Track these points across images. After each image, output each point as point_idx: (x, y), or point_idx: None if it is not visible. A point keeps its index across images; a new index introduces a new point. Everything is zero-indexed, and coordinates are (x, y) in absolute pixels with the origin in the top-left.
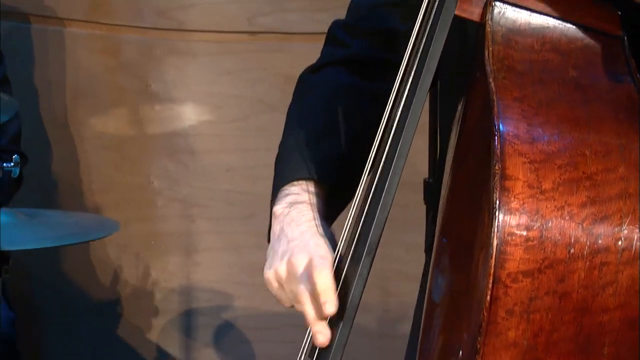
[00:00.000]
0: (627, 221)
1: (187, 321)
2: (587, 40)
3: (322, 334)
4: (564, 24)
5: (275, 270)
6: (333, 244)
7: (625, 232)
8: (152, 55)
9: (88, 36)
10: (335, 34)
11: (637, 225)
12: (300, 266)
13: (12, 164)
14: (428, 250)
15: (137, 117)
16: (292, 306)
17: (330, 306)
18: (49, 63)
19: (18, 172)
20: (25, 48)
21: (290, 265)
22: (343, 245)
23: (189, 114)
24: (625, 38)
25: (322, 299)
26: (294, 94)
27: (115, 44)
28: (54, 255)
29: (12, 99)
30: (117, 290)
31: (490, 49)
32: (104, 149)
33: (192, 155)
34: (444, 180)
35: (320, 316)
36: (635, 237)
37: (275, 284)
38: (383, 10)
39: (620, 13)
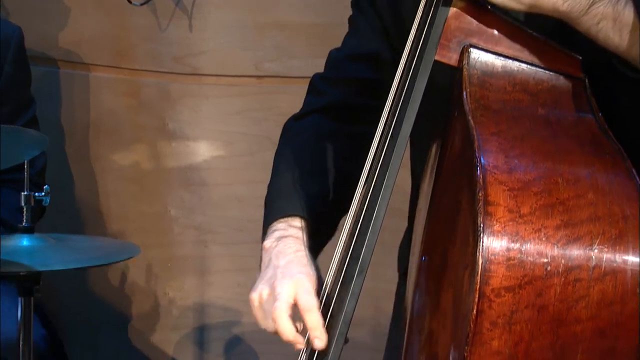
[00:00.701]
0: (597, 241)
1: (201, 335)
2: (553, 81)
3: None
4: (532, 67)
5: (259, 291)
6: (317, 273)
7: (596, 251)
8: (169, 96)
9: (111, 80)
10: (315, 85)
11: (606, 245)
12: (282, 290)
13: (43, 193)
14: (404, 270)
15: (155, 152)
16: (271, 330)
17: (320, 342)
18: (75, 104)
19: (47, 202)
20: (54, 90)
21: (272, 289)
22: (335, 267)
23: (202, 150)
24: (586, 80)
25: (312, 334)
26: (280, 140)
27: (135, 87)
28: (80, 276)
29: (43, 135)
30: (137, 308)
31: (468, 90)
32: (125, 181)
33: (205, 186)
34: (419, 208)
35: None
36: (605, 256)
37: (256, 304)
38: (356, 62)
39: (581, 58)
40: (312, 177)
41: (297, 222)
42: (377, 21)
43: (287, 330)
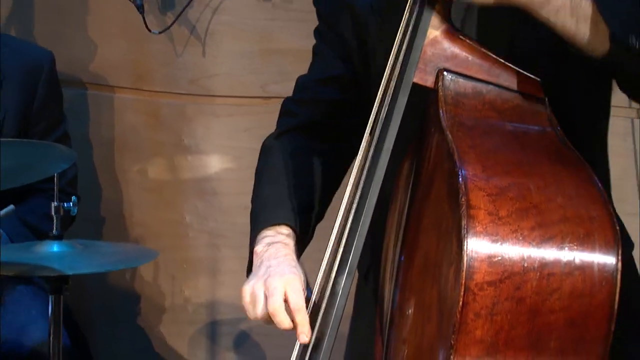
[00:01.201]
0: (568, 240)
1: (213, 329)
2: (517, 101)
3: (304, 334)
4: (498, 88)
5: (252, 286)
6: (304, 275)
7: (566, 249)
8: (184, 115)
9: (133, 100)
10: (287, 108)
11: (575, 243)
12: (273, 287)
13: (71, 204)
14: (366, 275)
15: (172, 165)
16: (255, 318)
17: (305, 338)
18: (102, 122)
19: (75, 212)
20: (83, 110)
21: (265, 285)
22: (326, 270)
23: (214, 163)
24: (546, 99)
25: (299, 331)
26: (259, 158)
27: (155, 107)
28: (105, 277)
29: (72, 150)
30: (156, 304)
31: (444, 108)
32: (145, 191)
33: (217, 196)
34: (390, 215)
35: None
36: (574, 252)
37: (247, 297)
38: (322, 85)
39: (539, 80)
40: (294, 189)
41: (285, 230)
42: (339, 46)
43: (285, 321)
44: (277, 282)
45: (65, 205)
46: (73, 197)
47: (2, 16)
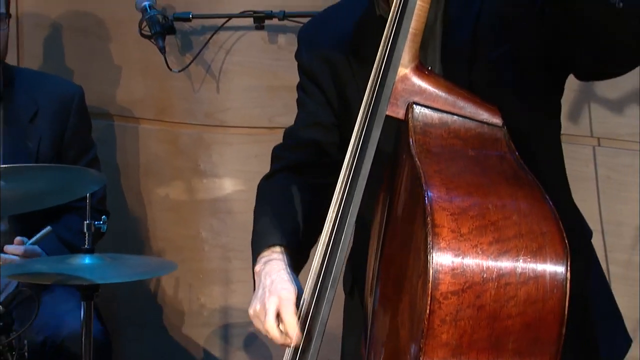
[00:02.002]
0: (522, 253)
1: (225, 332)
2: (479, 129)
3: (288, 343)
4: (462, 118)
5: (254, 307)
6: (297, 285)
7: (521, 261)
8: (201, 143)
9: (155, 130)
10: (275, 153)
11: (529, 256)
12: (270, 306)
13: (101, 222)
14: (350, 291)
15: (190, 187)
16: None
17: (291, 339)
18: (128, 149)
19: (105, 229)
20: (111, 139)
21: (263, 305)
22: (312, 281)
23: (227, 185)
24: (505, 127)
25: (287, 332)
26: (257, 197)
27: (174, 136)
28: (131, 286)
29: (101, 174)
30: (176, 310)
31: (413, 138)
32: (166, 210)
33: (229, 214)
34: (372, 235)
35: (286, 340)
36: (528, 264)
37: (253, 319)
38: (306, 130)
39: (498, 106)
40: (285, 217)
41: (278, 249)
42: (320, 95)
43: (278, 337)
44: (271, 303)
45: (96, 223)
46: (103, 216)
47: (37, 55)
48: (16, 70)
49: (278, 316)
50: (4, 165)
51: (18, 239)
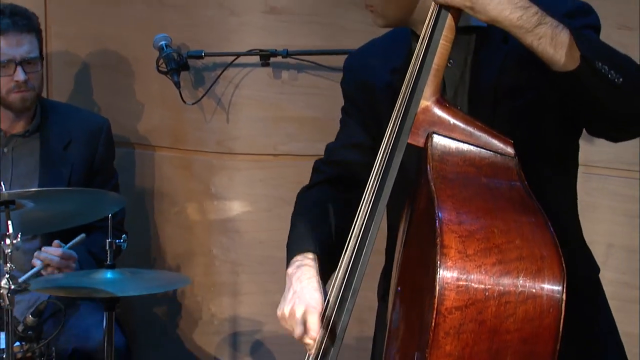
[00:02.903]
0: (522, 275)
1: (234, 339)
2: (492, 158)
3: (310, 346)
4: (477, 148)
5: (282, 311)
6: (324, 294)
7: (521, 281)
8: (212, 169)
9: (171, 157)
10: (317, 167)
11: (529, 277)
12: (298, 312)
13: (122, 240)
14: (382, 297)
15: (202, 209)
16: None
17: (314, 342)
18: (146, 174)
19: (125, 246)
20: (131, 165)
21: (292, 310)
22: (335, 290)
23: (236, 207)
24: (517, 157)
25: (310, 333)
26: (295, 204)
27: (188, 162)
28: (149, 298)
29: (121, 196)
30: (190, 319)
31: (431, 164)
32: (180, 229)
33: (237, 233)
34: (396, 250)
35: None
36: (527, 285)
37: (282, 320)
38: (345, 150)
39: (512, 141)
40: (319, 226)
41: (310, 255)
42: (359, 118)
43: (302, 339)
44: (299, 310)
45: (117, 241)
46: (123, 235)
47: (66, 89)
48: (52, 103)
49: (304, 321)
50: (37, 189)
51: (56, 242)
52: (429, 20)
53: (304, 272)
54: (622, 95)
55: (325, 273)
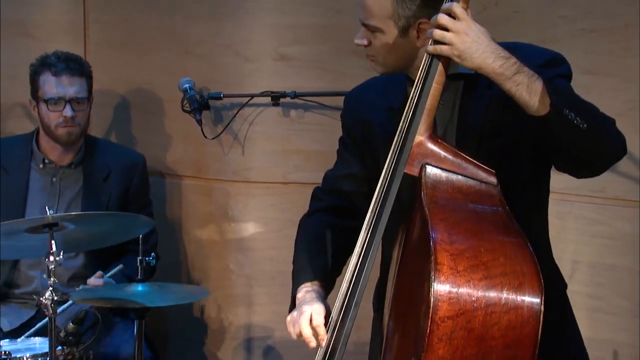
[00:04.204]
0: (506, 289)
1: (249, 344)
2: (478, 187)
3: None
4: (464, 177)
5: (292, 314)
6: (327, 307)
7: (505, 294)
8: (230, 195)
9: (194, 185)
10: (315, 194)
11: (511, 291)
12: (305, 311)
13: (151, 258)
14: (377, 308)
15: (221, 230)
16: (296, 335)
17: (322, 343)
18: (173, 200)
19: (154, 263)
20: (161, 191)
21: (299, 311)
22: (340, 301)
23: (250, 228)
24: (498, 185)
25: (320, 338)
26: (297, 232)
27: (209, 190)
28: (174, 308)
29: (150, 219)
30: (210, 326)
31: (425, 191)
32: (202, 248)
33: (251, 250)
34: (391, 266)
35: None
36: (510, 297)
37: (289, 320)
38: (342, 179)
39: (495, 171)
40: (319, 255)
41: (317, 282)
42: (355, 150)
43: (307, 331)
44: (306, 308)
45: (147, 258)
46: (152, 254)
47: (104, 127)
48: (95, 140)
49: (309, 320)
50: (76, 213)
51: (99, 272)
52: (423, 67)
53: (310, 295)
54: (586, 138)
55: (326, 290)
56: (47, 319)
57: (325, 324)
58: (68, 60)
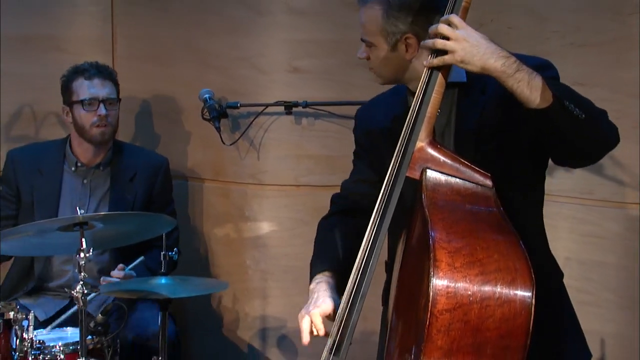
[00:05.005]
0: (499, 283)
1: (263, 333)
2: (474, 189)
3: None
4: (462, 180)
5: (302, 312)
6: (336, 301)
7: (499, 289)
8: (246, 196)
9: (214, 187)
10: (333, 199)
11: (505, 286)
12: (314, 312)
13: (174, 253)
14: (385, 302)
15: (238, 228)
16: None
17: (328, 333)
18: (195, 200)
19: (176, 258)
20: (184, 193)
21: (306, 312)
22: (347, 295)
23: (265, 227)
24: (494, 188)
25: (316, 327)
26: (317, 232)
27: (227, 191)
28: (195, 299)
29: (173, 218)
30: (228, 317)
31: (425, 193)
32: (221, 245)
33: (266, 247)
34: (395, 263)
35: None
36: (504, 291)
37: (300, 319)
38: (355, 184)
39: (490, 174)
40: (334, 250)
41: (327, 273)
42: (365, 159)
43: (306, 339)
44: (315, 311)
45: (170, 253)
46: (175, 249)
47: (131, 133)
48: (122, 143)
49: (309, 320)
50: (105, 213)
51: (120, 265)
52: (424, 78)
53: (321, 287)
54: (584, 127)
55: (339, 284)
56: (74, 308)
57: (334, 314)
58: (98, 67)
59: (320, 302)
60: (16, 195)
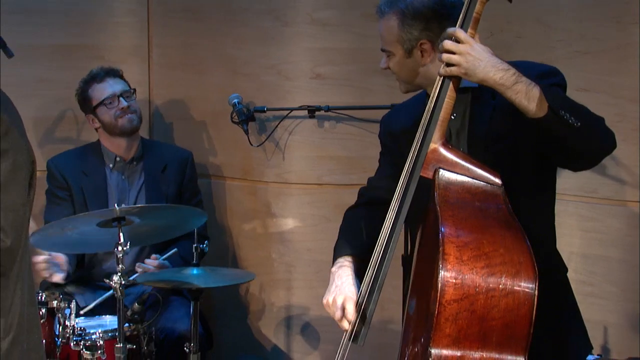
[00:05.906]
0: (504, 276)
1: (288, 322)
2: (484, 187)
3: (346, 327)
4: (472, 179)
5: (327, 300)
6: (358, 288)
7: (504, 280)
8: (270, 194)
9: (240, 186)
10: (360, 192)
11: (509, 278)
12: (338, 301)
13: (204, 245)
14: (404, 294)
15: (264, 224)
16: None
17: (350, 322)
18: (220, 199)
19: (207, 249)
20: (209, 192)
21: (334, 300)
22: (366, 285)
23: (289, 222)
24: (503, 186)
25: (348, 318)
26: (343, 219)
27: (253, 190)
28: (224, 289)
29: (204, 212)
30: (255, 306)
31: (438, 191)
32: (248, 239)
33: (291, 242)
34: (413, 255)
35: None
36: (508, 283)
37: (326, 304)
38: (380, 180)
39: (500, 174)
40: (358, 237)
41: (349, 258)
42: (389, 158)
43: (344, 325)
44: (339, 299)
45: (201, 245)
46: (206, 241)
47: (165, 136)
48: (149, 141)
49: (343, 308)
50: (140, 205)
51: (154, 255)
52: (437, 85)
53: (343, 271)
54: (580, 135)
55: (361, 270)
56: (109, 292)
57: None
58: (104, 69)
59: (346, 289)
60: (71, 195)
